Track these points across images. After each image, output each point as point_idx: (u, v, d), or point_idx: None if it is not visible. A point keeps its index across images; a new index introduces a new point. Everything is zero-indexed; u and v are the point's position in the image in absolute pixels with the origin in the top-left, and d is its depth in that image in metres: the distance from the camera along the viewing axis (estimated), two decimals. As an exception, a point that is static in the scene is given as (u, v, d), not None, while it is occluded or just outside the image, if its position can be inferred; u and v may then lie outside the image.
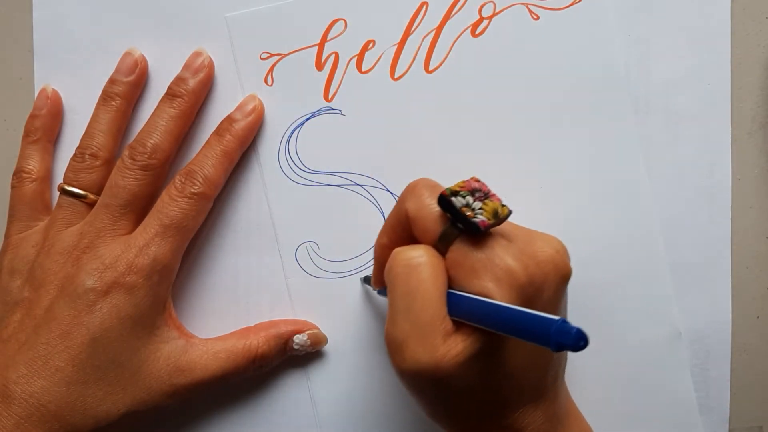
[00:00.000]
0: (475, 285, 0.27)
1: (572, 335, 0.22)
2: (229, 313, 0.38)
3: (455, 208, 0.27)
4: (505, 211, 0.28)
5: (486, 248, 0.27)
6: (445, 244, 0.28)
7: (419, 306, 0.27)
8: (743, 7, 0.36)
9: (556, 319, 0.22)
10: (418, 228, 0.29)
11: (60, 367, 0.31)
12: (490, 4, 0.36)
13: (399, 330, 0.27)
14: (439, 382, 0.27)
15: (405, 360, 0.27)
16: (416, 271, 0.27)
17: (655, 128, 0.36)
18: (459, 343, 0.27)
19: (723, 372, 0.37)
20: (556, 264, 0.28)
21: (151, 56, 0.38)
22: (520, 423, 0.29)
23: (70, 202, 0.35)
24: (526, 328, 0.23)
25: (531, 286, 0.27)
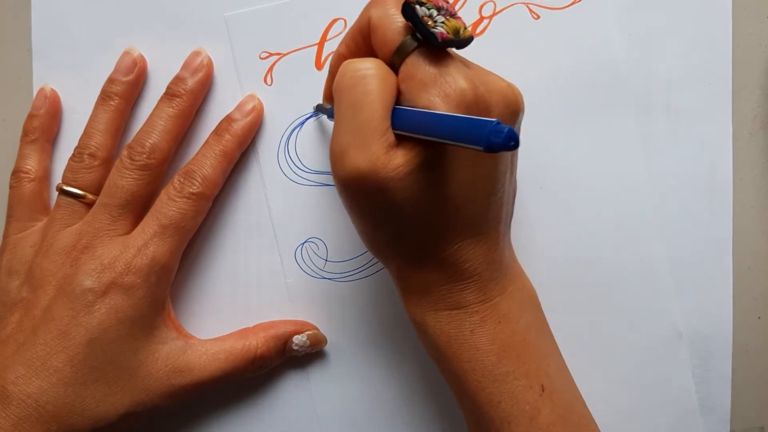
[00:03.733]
0: (422, 98, 0.27)
1: (503, 134, 0.22)
2: (228, 314, 0.38)
3: (417, 16, 0.27)
4: (467, 33, 0.28)
5: (440, 65, 0.27)
6: (401, 56, 0.28)
7: (363, 117, 0.27)
8: (744, 7, 0.36)
9: (491, 120, 0.23)
10: (378, 37, 0.28)
11: (58, 368, 0.31)
12: (491, 4, 0.36)
13: (342, 139, 0.27)
14: (378, 192, 0.27)
15: (345, 167, 0.27)
16: (363, 82, 0.27)
17: (655, 128, 0.36)
18: (400, 155, 0.27)
19: (724, 372, 0.37)
20: (506, 96, 0.28)
21: (150, 56, 0.38)
22: (457, 257, 0.29)
23: (68, 202, 0.35)
24: (462, 130, 0.24)
25: (476, 108, 0.27)
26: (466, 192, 0.28)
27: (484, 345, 0.29)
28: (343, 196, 0.29)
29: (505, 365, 0.29)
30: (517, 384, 0.29)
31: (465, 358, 0.29)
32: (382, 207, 0.28)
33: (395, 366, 0.37)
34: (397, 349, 0.37)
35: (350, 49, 0.30)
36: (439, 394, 0.37)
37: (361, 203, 0.29)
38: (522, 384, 0.29)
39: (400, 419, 0.37)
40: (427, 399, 0.37)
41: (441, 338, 0.30)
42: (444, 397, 0.37)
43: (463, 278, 0.29)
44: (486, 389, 0.29)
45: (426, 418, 0.37)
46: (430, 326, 0.30)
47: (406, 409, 0.37)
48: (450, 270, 0.29)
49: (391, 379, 0.37)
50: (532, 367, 0.29)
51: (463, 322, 0.29)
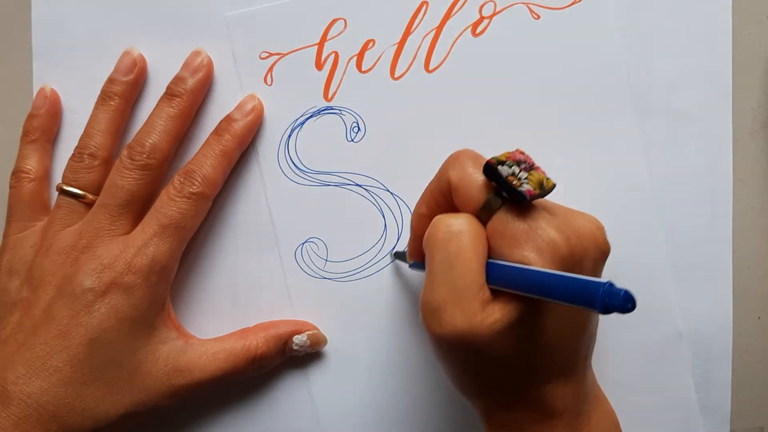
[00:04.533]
0: (516, 254, 0.27)
1: (620, 297, 0.22)
2: (228, 314, 0.37)
3: (501, 176, 0.27)
4: (549, 183, 0.28)
5: (529, 219, 0.27)
6: (487, 214, 0.28)
7: (458, 272, 0.27)
8: (744, 7, 0.36)
9: (603, 281, 0.22)
10: (460, 197, 0.28)
11: (58, 368, 0.31)
12: (491, 4, 0.36)
13: (437, 295, 0.27)
14: (474, 349, 0.27)
15: (441, 324, 0.27)
16: (457, 237, 0.27)
17: (656, 128, 0.36)
18: (497, 311, 0.26)
19: (724, 372, 0.37)
20: (596, 239, 0.28)
21: (150, 56, 0.38)
22: (549, 397, 0.29)
23: (68, 202, 0.35)
24: (572, 291, 0.23)
25: (571, 259, 0.27)
26: (560, 339, 0.28)
27: None
28: (436, 350, 0.29)
29: None
30: None
31: None
32: (475, 360, 0.28)
33: (395, 366, 0.37)
34: (396, 349, 0.37)
35: (431, 209, 0.30)
36: (439, 394, 0.37)
37: (454, 356, 0.29)
38: None
39: (399, 419, 0.37)
40: (427, 399, 0.37)
41: None
42: (443, 396, 0.37)
43: (553, 416, 0.29)
44: None
45: (426, 418, 0.37)
46: None
47: (405, 409, 0.37)
48: (541, 410, 0.29)
49: (391, 379, 0.37)
50: None
51: None
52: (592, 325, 0.29)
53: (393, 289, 0.37)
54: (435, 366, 0.37)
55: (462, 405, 0.37)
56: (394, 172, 0.37)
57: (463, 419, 0.37)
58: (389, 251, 0.37)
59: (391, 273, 0.37)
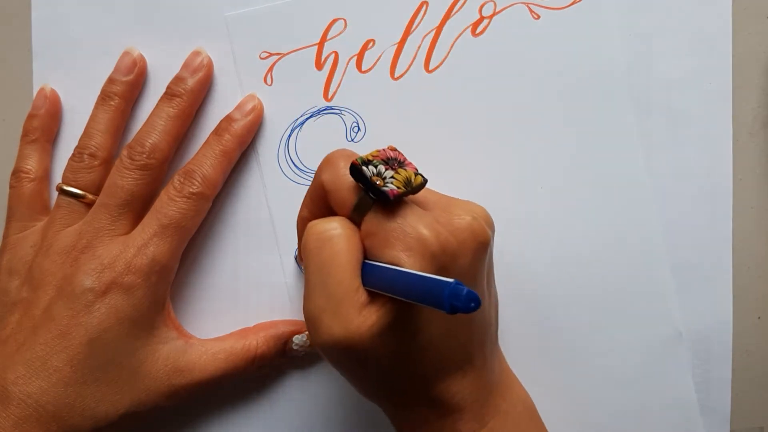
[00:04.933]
0: (387, 254, 0.27)
1: (462, 297, 0.21)
2: (228, 314, 0.37)
3: (366, 177, 0.27)
4: (419, 180, 0.28)
5: (398, 217, 0.27)
6: (359, 215, 0.28)
7: (333, 280, 0.27)
8: (744, 7, 0.36)
9: (449, 281, 0.22)
10: (334, 199, 0.28)
11: (58, 368, 0.31)
12: (491, 4, 0.36)
13: (313, 305, 0.27)
14: (357, 354, 0.27)
15: (321, 335, 0.27)
16: (329, 243, 0.27)
17: (656, 128, 0.36)
18: (373, 314, 0.26)
19: (724, 373, 0.37)
20: (473, 231, 0.28)
21: (150, 56, 0.38)
22: (447, 393, 0.28)
23: (68, 202, 0.35)
24: (424, 292, 0.23)
25: (444, 255, 0.27)
26: (442, 336, 0.28)
27: None
28: (325, 357, 0.29)
29: None
30: None
31: None
32: (361, 364, 0.28)
33: (395, 366, 0.37)
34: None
35: (312, 212, 0.30)
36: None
37: (340, 363, 0.29)
38: None
39: (400, 419, 0.37)
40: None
41: None
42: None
43: (454, 411, 0.29)
44: None
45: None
46: None
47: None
48: (441, 406, 0.29)
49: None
50: None
51: None
52: (479, 317, 0.29)
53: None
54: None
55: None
56: (394, 172, 0.37)
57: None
58: (294, 254, 0.37)
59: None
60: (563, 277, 0.37)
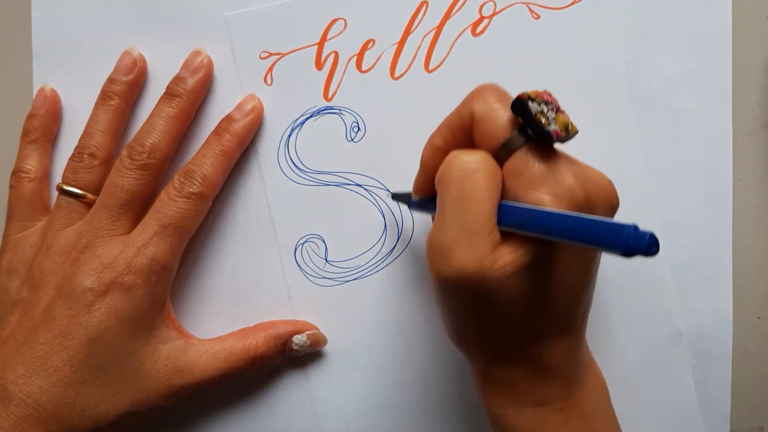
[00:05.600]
0: (531, 196, 0.26)
1: (646, 239, 0.21)
2: (228, 314, 0.37)
3: (530, 112, 0.26)
4: (574, 128, 0.27)
5: (549, 162, 0.26)
6: (507, 152, 0.27)
7: (471, 212, 0.26)
8: (744, 7, 0.36)
9: (629, 225, 0.22)
10: (481, 131, 0.27)
11: (58, 368, 0.31)
12: (491, 4, 0.36)
13: (447, 234, 0.26)
14: (481, 292, 0.26)
15: (450, 265, 0.26)
16: (472, 176, 0.26)
17: (656, 128, 0.36)
18: (507, 254, 0.26)
19: (724, 372, 0.37)
20: (608, 192, 0.28)
21: (150, 56, 0.38)
22: (547, 354, 0.28)
23: (68, 202, 0.35)
24: (595, 232, 0.23)
25: (585, 207, 0.26)
26: (566, 291, 0.28)
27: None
28: (439, 291, 0.28)
29: None
30: None
31: None
32: (480, 305, 0.27)
33: (395, 366, 0.37)
34: (396, 349, 0.37)
35: (447, 141, 0.29)
36: (439, 393, 0.37)
37: (459, 300, 0.28)
38: None
39: (399, 419, 0.37)
40: (427, 398, 0.37)
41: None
42: (443, 396, 0.37)
43: (549, 375, 0.28)
44: None
45: (425, 418, 0.37)
46: (510, 421, 0.29)
47: (405, 408, 0.37)
48: (538, 366, 0.28)
49: (391, 378, 0.37)
50: None
51: (546, 420, 0.29)
52: (593, 283, 0.29)
53: (392, 289, 0.37)
54: (435, 365, 0.37)
55: (462, 404, 0.37)
56: (394, 172, 0.37)
57: (463, 417, 0.37)
58: (389, 193, 0.36)
59: (392, 273, 0.37)
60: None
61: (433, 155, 0.30)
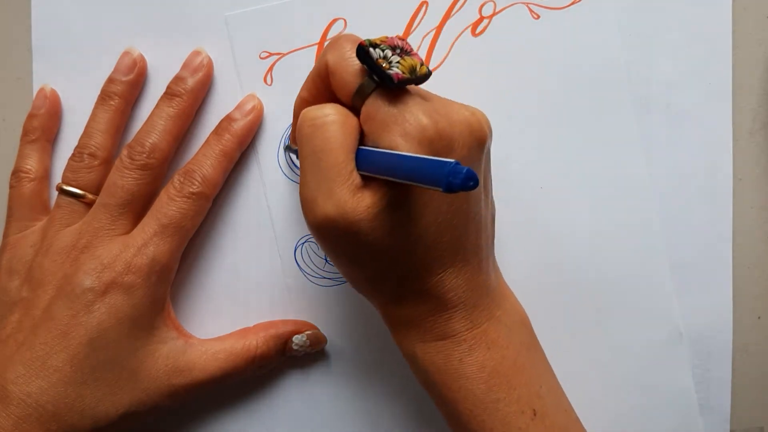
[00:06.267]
0: (384, 139, 0.27)
1: (461, 175, 0.22)
2: (228, 314, 0.37)
3: (371, 59, 0.27)
4: (423, 69, 0.28)
5: (399, 103, 0.27)
6: (360, 98, 0.28)
7: (326, 164, 0.27)
8: (744, 7, 0.36)
9: (449, 161, 0.23)
10: (337, 81, 0.29)
11: (58, 368, 0.31)
12: (491, 4, 0.36)
13: (308, 188, 0.28)
14: (350, 235, 0.27)
15: (316, 216, 0.27)
16: (322, 129, 0.28)
17: (655, 127, 0.36)
18: (368, 197, 0.27)
19: (724, 372, 0.37)
20: (470, 125, 0.28)
21: (150, 55, 0.38)
22: (441, 287, 0.29)
23: (68, 202, 0.35)
24: (421, 171, 0.24)
25: (440, 142, 0.27)
26: (439, 225, 0.28)
27: (473, 373, 0.29)
28: (318, 241, 0.29)
29: (495, 392, 0.29)
30: (509, 410, 0.29)
31: (455, 388, 0.29)
32: (356, 249, 0.28)
33: (395, 366, 0.37)
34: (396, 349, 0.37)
35: (311, 93, 0.31)
36: (439, 394, 0.37)
37: (336, 247, 0.29)
38: (513, 410, 0.29)
39: (399, 419, 0.37)
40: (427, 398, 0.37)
41: (430, 369, 0.30)
42: (444, 397, 0.37)
43: (448, 308, 0.29)
44: (478, 417, 0.29)
45: (425, 418, 0.37)
46: (420, 358, 0.30)
47: (405, 408, 0.37)
48: (434, 301, 0.29)
49: (391, 378, 0.37)
50: (523, 391, 0.29)
51: (451, 351, 0.29)
52: (476, 212, 0.29)
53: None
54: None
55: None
56: (394, 172, 0.37)
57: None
58: (283, 144, 0.37)
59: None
60: (563, 277, 0.37)
61: (301, 106, 0.31)
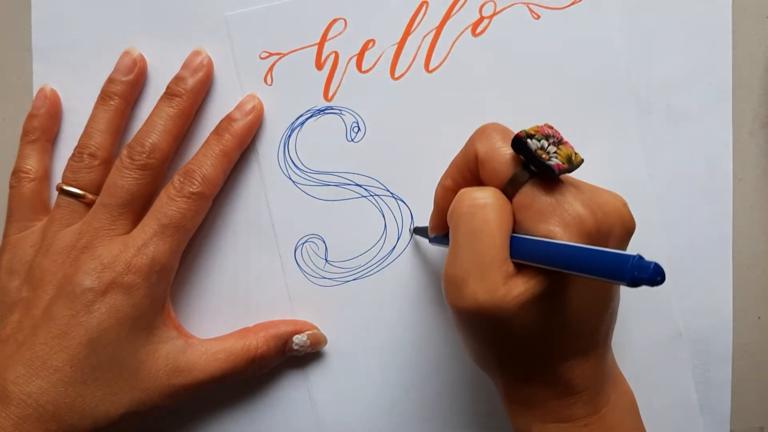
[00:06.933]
0: (541, 228, 0.27)
1: (650, 269, 0.21)
2: (228, 314, 0.37)
3: (530, 150, 0.27)
4: (578, 158, 0.28)
5: (556, 193, 0.27)
6: (514, 187, 0.28)
7: (482, 246, 0.27)
8: (744, 7, 0.36)
9: (632, 254, 0.22)
10: (487, 170, 0.28)
11: (58, 368, 0.31)
12: (491, 4, 0.36)
13: (459, 268, 0.27)
14: (496, 322, 0.27)
15: (464, 298, 0.27)
16: (482, 211, 0.27)
17: (655, 128, 0.36)
18: (520, 284, 0.26)
19: (724, 372, 0.37)
20: (623, 216, 0.28)
21: (150, 55, 0.38)
22: (569, 374, 0.29)
23: (68, 202, 0.35)
24: (600, 264, 0.23)
25: (597, 234, 0.27)
26: (582, 315, 0.28)
27: None
28: (457, 322, 0.29)
29: None
30: None
31: None
32: (498, 334, 0.28)
33: (395, 366, 0.37)
34: (396, 348, 0.37)
35: (456, 182, 0.30)
36: (438, 393, 0.37)
37: (476, 330, 0.29)
38: None
39: (399, 419, 0.37)
40: (427, 398, 0.37)
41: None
42: (443, 396, 0.37)
43: (573, 393, 0.29)
44: None
45: (426, 418, 0.37)
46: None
47: (405, 408, 0.37)
48: (561, 386, 0.29)
49: (391, 378, 0.37)
50: None
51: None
52: (614, 303, 0.29)
53: (392, 289, 0.37)
54: (435, 366, 0.37)
55: (463, 405, 0.37)
56: (394, 172, 0.37)
57: (462, 417, 0.37)
58: (409, 227, 0.37)
59: (392, 273, 0.37)
60: (563, 277, 0.37)
61: (444, 195, 0.31)
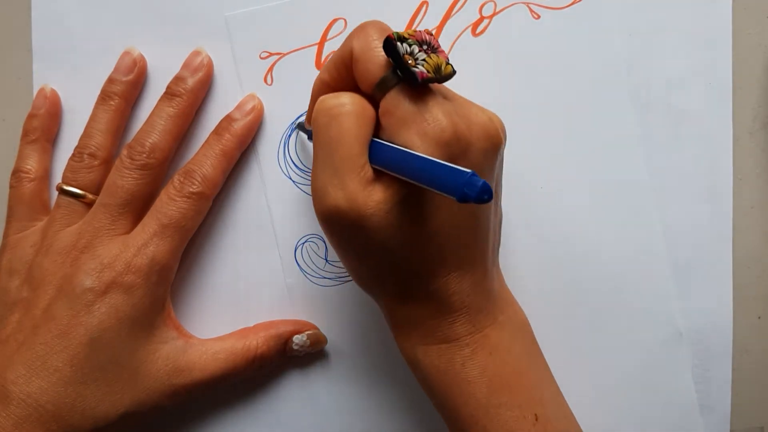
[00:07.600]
0: (401, 136, 0.27)
1: (477, 187, 0.22)
2: (229, 314, 0.37)
3: (398, 53, 0.27)
4: (448, 69, 0.28)
5: (420, 101, 0.27)
6: (381, 91, 0.28)
7: (339, 155, 0.27)
8: (744, 7, 0.36)
9: (466, 171, 0.23)
10: (360, 69, 0.28)
11: (58, 368, 0.31)
12: (491, 3, 0.36)
13: (320, 177, 0.28)
14: (359, 228, 0.27)
15: (325, 205, 0.27)
16: (337, 120, 0.27)
17: (656, 128, 0.36)
18: (379, 191, 0.27)
19: (724, 372, 0.37)
20: (487, 129, 0.28)
21: (151, 55, 0.38)
22: (446, 290, 0.29)
23: (68, 202, 0.35)
24: (436, 177, 0.24)
25: (456, 145, 0.27)
26: (449, 227, 0.28)
27: (475, 378, 0.29)
28: (326, 233, 0.29)
29: (497, 397, 0.29)
30: (510, 415, 0.29)
31: (456, 392, 0.29)
32: (364, 243, 0.28)
33: (395, 366, 0.37)
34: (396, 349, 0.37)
35: (332, 77, 0.30)
36: (439, 394, 0.37)
37: (343, 240, 0.29)
38: (515, 415, 0.29)
39: (399, 419, 0.37)
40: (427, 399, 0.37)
41: (432, 372, 0.30)
42: (444, 397, 0.37)
43: (451, 311, 0.29)
44: (479, 422, 0.29)
45: (426, 418, 0.37)
46: (421, 361, 0.30)
47: (405, 408, 0.37)
48: (438, 303, 0.29)
49: (391, 379, 0.37)
50: (524, 396, 0.29)
51: (453, 355, 0.29)
52: (485, 219, 0.29)
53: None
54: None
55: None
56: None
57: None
58: (295, 121, 0.37)
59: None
60: (563, 277, 0.37)
61: (321, 89, 0.31)
